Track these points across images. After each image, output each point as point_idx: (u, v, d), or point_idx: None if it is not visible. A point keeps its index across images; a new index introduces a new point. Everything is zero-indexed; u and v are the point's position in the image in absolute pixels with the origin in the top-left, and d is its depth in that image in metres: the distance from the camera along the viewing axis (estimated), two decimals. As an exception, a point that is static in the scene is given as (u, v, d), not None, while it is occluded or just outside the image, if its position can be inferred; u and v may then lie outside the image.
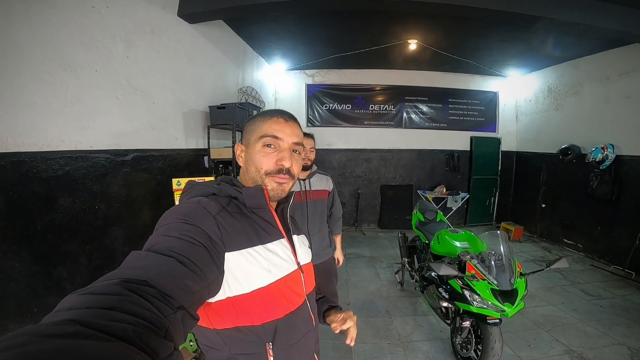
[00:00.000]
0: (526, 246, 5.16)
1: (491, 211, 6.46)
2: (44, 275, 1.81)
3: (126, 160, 2.44)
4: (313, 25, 3.89)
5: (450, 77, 6.06)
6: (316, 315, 0.89)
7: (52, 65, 1.83)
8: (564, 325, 2.81)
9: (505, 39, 4.18)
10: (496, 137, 6.32)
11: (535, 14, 2.92)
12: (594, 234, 4.48)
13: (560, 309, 3.09)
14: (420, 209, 3.35)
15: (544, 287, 3.56)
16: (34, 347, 0.28)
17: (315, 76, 6.00)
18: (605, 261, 4.25)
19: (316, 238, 2.21)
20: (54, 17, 1.80)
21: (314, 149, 2.19)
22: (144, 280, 0.47)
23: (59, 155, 1.94)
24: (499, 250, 2.00)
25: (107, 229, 2.28)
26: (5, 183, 1.65)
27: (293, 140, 0.82)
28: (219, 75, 3.77)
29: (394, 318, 2.95)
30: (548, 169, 5.33)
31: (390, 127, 6.21)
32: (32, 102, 1.76)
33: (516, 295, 1.84)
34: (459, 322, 2.12)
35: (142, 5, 2.46)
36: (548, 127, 5.44)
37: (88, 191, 2.14)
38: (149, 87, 2.60)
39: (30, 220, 1.77)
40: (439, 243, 2.51)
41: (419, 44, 4.41)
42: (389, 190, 6.20)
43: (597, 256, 4.41)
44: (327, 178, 2.30)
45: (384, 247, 5.03)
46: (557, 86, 5.23)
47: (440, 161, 6.25)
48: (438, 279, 2.25)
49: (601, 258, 4.34)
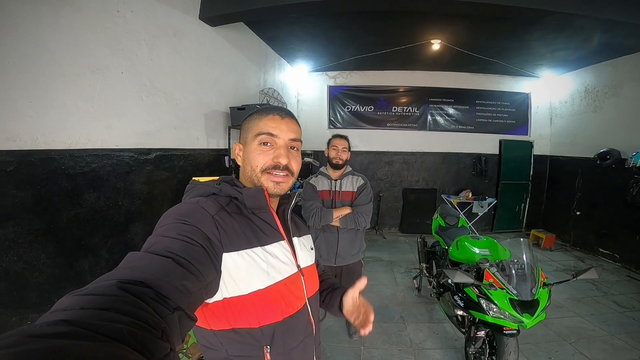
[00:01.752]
0: (557, 255, 4.89)
1: (521, 218, 6.14)
2: (66, 267, 1.91)
3: (149, 159, 2.54)
4: (333, 26, 3.88)
5: (477, 78, 5.83)
6: (317, 320, 0.86)
7: (81, 68, 1.94)
8: (590, 338, 2.63)
9: (537, 38, 3.96)
10: (528, 140, 6.00)
11: (570, 11, 2.74)
12: (632, 244, 4.17)
13: (588, 321, 2.90)
14: (441, 214, 3.24)
15: (572, 297, 3.36)
16: (26, 347, 0.28)
17: (337, 78, 5.99)
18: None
19: (345, 237, 2.20)
20: (81, 21, 1.90)
21: (347, 149, 2.22)
22: (140, 281, 0.47)
23: (85, 153, 2.04)
24: (522, 259, 1.89)
25: (128, 225, 2.38)
26: (35, 178, 1.76)
27: (290, 137, 0.80)
28: (240, 76, 3.84)
29: (408, 324, 2.88)
30: (584, 174, 5.01)
31: (414, 130, 6.06)
32: (62, 103, 1.87)
33: (537, 306, 1.73)
34: (473, 331, 2.04)
35: (164, 10, 2.55)
36: (585, 130, 5.11)
37: (112, 188, 2.24)
38: (172, 88, 2.69)
39: (57, 214, 1.87)
40: (458, 249, 2.41)
41: (443, 44, 4.28)
42: (411, 194, 6.05)
43: (635, 267, 4.12)
44: (357, 179, 2.26)
45: (404, 252, 4.92)
46: (594, 87, 4.91)
47: (466, 165, 6.02)
48: (454, 287, 2.16)
49: (639, 269, 4.05)
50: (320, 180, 2.28)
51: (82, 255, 2.01)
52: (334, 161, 2.21)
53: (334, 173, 2.26)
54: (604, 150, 4.45)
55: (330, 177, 2.26)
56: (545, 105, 5.94)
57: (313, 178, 2.32)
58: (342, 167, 2.23)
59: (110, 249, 2.22)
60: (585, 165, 4.97)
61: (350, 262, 2.23)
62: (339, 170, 2.24)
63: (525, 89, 5.90)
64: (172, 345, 0.43)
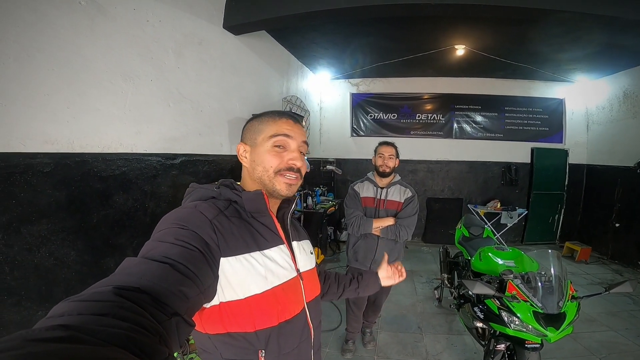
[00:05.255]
0: (593, 268, 4.61)
1: (554, 229, 5.78)
2: (93, 264, 1.99)
3: (175, 164, 2.62)
4: (354, 33, 3.90)
5: (506, 84, 5.63)
6: (316, 324, 0.85)
7: (114, 75, 2.05)
8: (622, 353, 2.46)
9: (569, 41, 3.76)
10: (563, 148, 5.69)
11: (605, 13, 2.59)
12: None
13: (621, 335, 2.72)
14: (465, 224, 3.14)
15: (607, 311, 3.16)
16: (25, 350, 0.28)
17: (359, 85, 5.99)
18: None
19: (384, 244, 2.18)
20: (115, 30, 2.01)
21: (394, 156, 2.20)
22: (137, 287, 0.47)
23: (117, 157, 2.14)
24: (550, 271, 1.79)
25: (153, 226, 2.42)
26: (69, 180, 1.86)
27: (303, 139, 0.82)
28: (263, 84, 3.93)
29: (425, 335, 2.78)
30: (624, 184, 4.69)
31: (439, 138, 5.92)
32: (96, 109, 1.98)
33: (563, 319, 1.62)
34: (493, 344, 1.93)
35: (190, 19, 2.66)
36: (624, 137, 4.79)
37: (140, 190, 2.33)
38: (197, 95, 2.79)
39: (87, 214, 1.96)
40: (481, 260, 2.32)
41: (467, 49, 4.17)
42: (435, 203, 5.88)
43: None
44: (405, 190, 2.25)
45: (426, 262, 4.78)
46: (634, 91, 4.62)
47: (494, 174, 5.79)
48: (474, 298, 2.08)
49: None
50: (365, 186, 2.28)
51: (108, 253, 2.09)
52: (380, 169, 2.20)
53: (381, 181, 2.25)
54: (645, 158, 4.14)
55: (377, 184, 2.25)
56: (581, 111, 5.63)
57: (358, 183, 2.32)
58: (390, 175, 2.22)
59: (135, 249, 2.29)
60: (625, 175, 4.66)
61: None
62: (386, 178, 2.23)
63: (558, 94, 5.63)
64: (170, 350, 0.43)
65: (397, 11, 2.73)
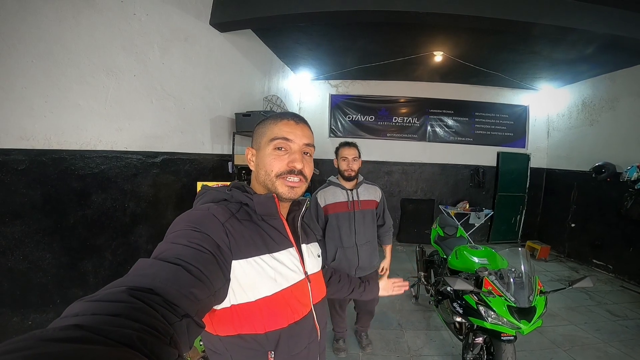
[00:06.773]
0: (552, 265, 4.97)
1: (517, 229, 6.18)
2: (70, 267, 1.89)
3: (156, 162, 2.54)
4: (339, 36, 3.95)
5: (477, 90, 5.93)
6: (322, 326, 0.87)
7: (96, 69, 1.95)
8: (584, 345, 2.68)
9: (537, 51, 4.06)
10: (525, 153, 6.08)
11: (569, 26, 2.83)
12: (625, 255, 4.26)
13: (582, 329, 2.96)
14: (440, 224, 3.29)
15: (567, 306, 3.43)
16: (39, 350, 0.29)
17: (339, 86, 6.06)
18: (636, 282, 4.08)
19: (364, 250, 2.15)
20: (100, 22, 1.92)
21: (357, 157, 2.09)
22: (149, 289, 0.48)
23: (96, 154, 2.04)
24: (520, 268, 1.95)
25: (133, 227, 2.37)
26: (45, 178, 1.76)
27: (304, 142, 0.81)
28: (246, 83, 3.88)
29: (406, 331, 2.90)
30: (580, 187, 5.10)
31: (413, 140, 6.11)
32: (76, 104, 1.87)
33: (534, 312, 1.77)
34: (471, 337, 2.06)
35: (178, 14, 2.59)
36: (581, 143, 5.20)
37: (119, 189, 2.24)
38: (181, 92, 2.71)
39: (64, 214, 1.86)
40: (457, 258, 2.45)
41: (445, 55, 4.36)
42: (409, 204, 6.08)
43: (628, 277, 4.22)
44: (375, 188, 2.25)
45: (401, 261, 4.93)
46: (592, 100, 5.00)
47: (464, 176, 6.08)
48: (453, 294, 2.20)
49: (632, 279, 4.16)
50: (331, 192, 2.14)
51: (86, 256, 2.00)
52: (345, 173, 2.07)
53: (348, 183, 2.15)
54: (599, 163, 4.52)
55: (343, 187, 2.14)
56: (543, 118, 6.05)
57: (321, 190, 2.17)
58: (355, 178, 2.13)
59: (114, 251, 2.20)
60: (581, 179, 5.04)
61: (368, 272, 2.24)
62: (351, 181, 2.14)
63: (524, 101, 6.00)
64: (179, 351, 0.44)
65: (389, 17, 2.80)
